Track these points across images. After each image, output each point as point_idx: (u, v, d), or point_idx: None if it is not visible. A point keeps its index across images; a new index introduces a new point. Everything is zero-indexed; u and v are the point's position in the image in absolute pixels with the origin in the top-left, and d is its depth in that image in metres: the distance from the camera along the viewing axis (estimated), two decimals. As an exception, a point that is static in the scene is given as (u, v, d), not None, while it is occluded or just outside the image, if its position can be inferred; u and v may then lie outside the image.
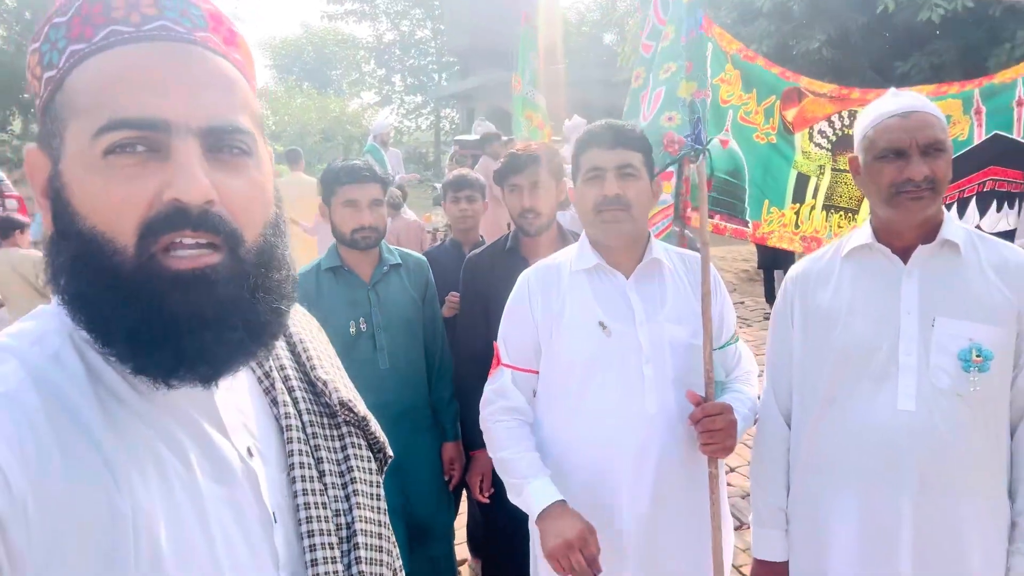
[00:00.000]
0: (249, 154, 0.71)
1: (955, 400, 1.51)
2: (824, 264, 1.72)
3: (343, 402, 0.87)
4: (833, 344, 1.62)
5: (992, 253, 1.57)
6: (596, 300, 1.80)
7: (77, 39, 0.67)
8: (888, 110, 1.56)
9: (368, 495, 0.87)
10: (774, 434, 1.78)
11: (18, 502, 0.57)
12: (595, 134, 1.79)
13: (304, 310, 1.00)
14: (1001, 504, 1.56)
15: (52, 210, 0.68)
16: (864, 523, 1.59)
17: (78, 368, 0.67)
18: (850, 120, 3.87)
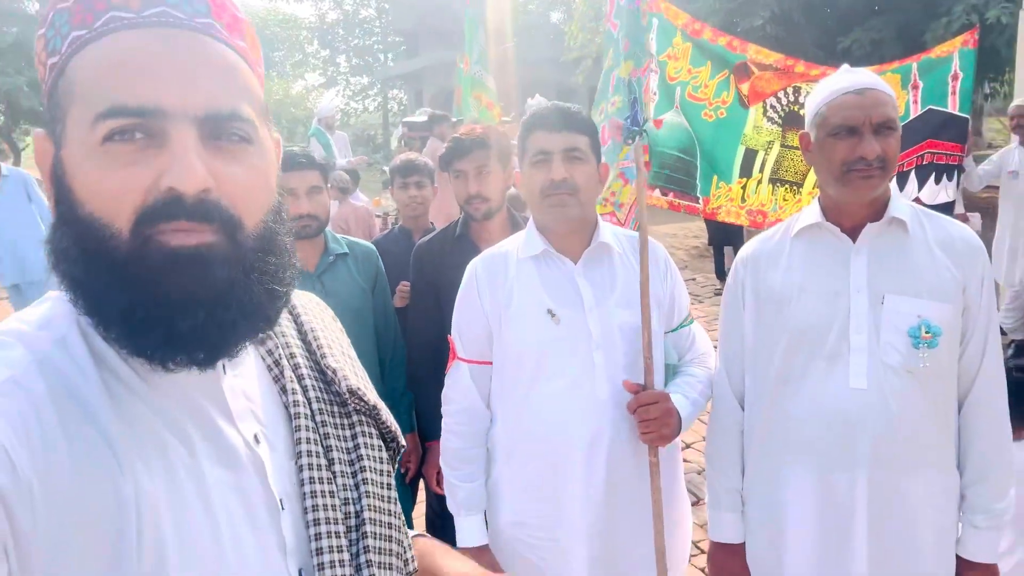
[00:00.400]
0: (250, 141, 0.71)
1: (905, 377, 1.53)
2: (774, 244, 1.72)
3: (352, 390, 0.87)
4: (785, 325, 1.63)
5: (938, 230, 1.59)
6: (544, 288, 1.77)
7: (79, 25, 0.66)
8: (842, 87, 1.56)
9: (378, 484, 0.86)
10: (728, 416, 1.78)
11: (24, 484, 0.58)
12: (541, 117, 1.75)
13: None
14: (951, 477, 1.60)
15: (55, 195, 0.68)
16: (820, 500, 1.61)
17: (83, 353, 0.67)
18: (795, 96, 3.91)
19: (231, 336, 0.69)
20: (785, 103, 3.85)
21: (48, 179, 0.70)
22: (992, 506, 1.56)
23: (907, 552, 1.57)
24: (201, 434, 0.72)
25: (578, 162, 1.72)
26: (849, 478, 1.57)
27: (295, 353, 0.87)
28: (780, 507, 1.67)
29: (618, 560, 1.77)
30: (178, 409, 0.71)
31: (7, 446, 0.58)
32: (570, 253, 1.79)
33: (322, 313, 0.97)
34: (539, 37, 19.72)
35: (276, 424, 0.81)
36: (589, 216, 1.80)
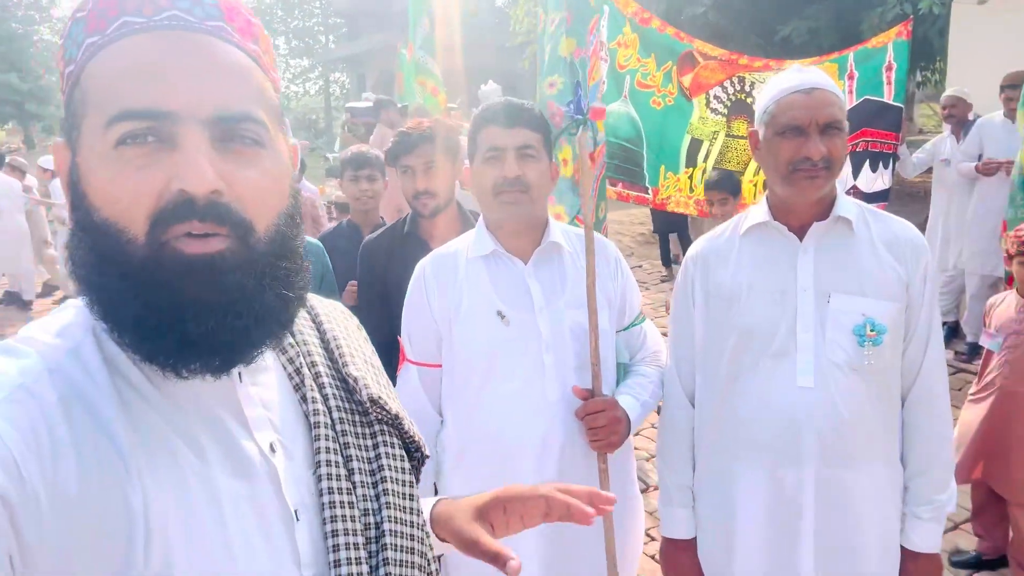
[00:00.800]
0: (262, 145, 0.70)
1: (851, 374, 1.55)
2: (723, 243, 1.72)
3: (374, 399, 0.85)
4: (734, 323, 1.64)
5: (883, 228, 1.61)
6: (494, 288, 1.74)
7: (93, 32, 0.67)
8: (791, 86, 1.56)
9: (400, 495, 0.84)
10: (678, 414, 1.79)
11: (31, 494, 0.58)
12: (494, 112, 1.71)
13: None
14: (895, 470, 1.63)
15: (71, 202, 0.69)
16: (769, 496, 1.63)
17: (97, 361, 0.67)
18: (740, 85, 3.95)
19: (244, 342, 0.68)
20: (732, 92, 3.89)
21: (66, 186, 0.70)
22: (934, 497, 1.60)
23: (853, 545, 1.60)
24: (214, 443, 0.71)
25: (531, 160, 1.70)
26: (797, 474, 1.59)
27: (316, 361, 0.86)
28: (730, 503, 1.69)
29: (569, 562, 1.76)
30: (191, 417, 0.71)
31: (16, 455, 0.58)
32: (520, 253, 1.77)
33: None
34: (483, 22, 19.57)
35: (295, 433, 0.80)
36: (540, 215, 1.78)
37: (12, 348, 0.67)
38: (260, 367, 0.79)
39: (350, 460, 0.81)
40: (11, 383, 0.62)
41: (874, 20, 8.29)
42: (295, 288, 0.73)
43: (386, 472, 0.83)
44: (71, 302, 0.73)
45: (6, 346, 0.67)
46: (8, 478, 0.57)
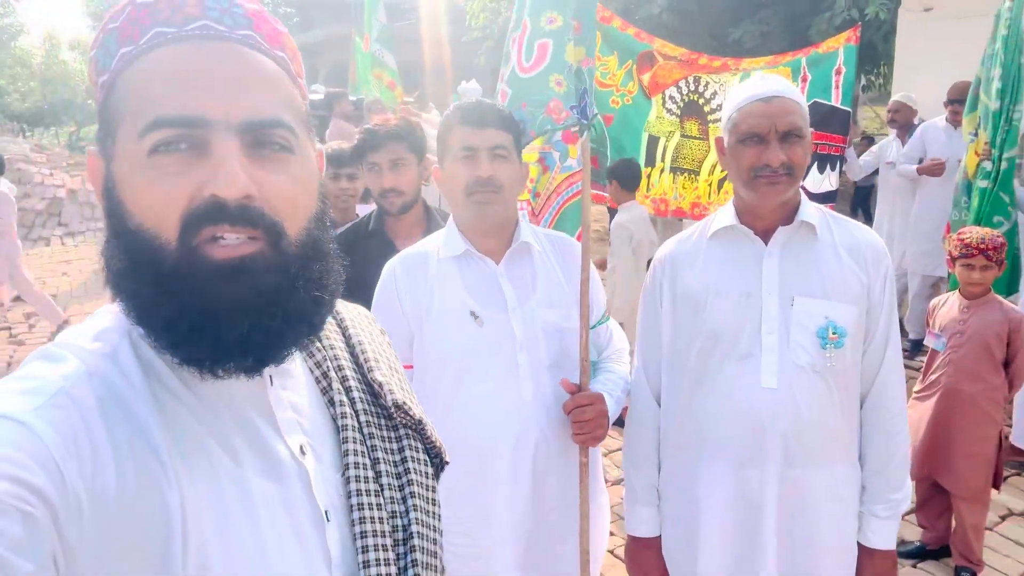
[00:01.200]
0: (291, 150, 0.72)
1: (813, 376, 1.59)
2: (691, 246, 1.75)
3: (398, 404, 0.87)
4: (701, 325, 1.66)
5: (845, 234, 1.65)
6: (466, 289, 1.74)
7: (126, 42, 0.69)
8: (752, 94, 1.59)
9: (425, 499, 0.86)
10: (645, 414, 1.81)
11: (72, 497, 0.59)
12: (466, 112, 1.71)
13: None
14: (854, 470, 1.68)
15: (106, 209, 0.70)
16: (733, 496, 1.66)
17: (133, 364, 0.69)
18: (694, 86, 4.00)
19: (277, 343, 0.70)
20: (685, 92, 3.94)
21: (100, 194, 0.72)
22: (891, 496, 1.65)
23: (813, 542, 1.64)
24: (247, 445, 0.73)
25: (503, 161, 1.69)
26: (760, 474, 1.62)
27: (343, 365, 0.87)
28: (695, 502, 1.72)
29: (543, 559, 1.77)
30: (225, 420, 0.72)
31: (57, 458, 0.59)
32: (491, 253, 1.76)
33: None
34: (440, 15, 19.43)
35: (323, 436, 0.81)
36: (511, 215, 1.78)
37: (52, 353, 0.68)
38: (289, 371, 0.80)
39: (377, 463, 0.83)
40: (52, 387, 0.63)
41: (822, 25, 8.47)
42: (327, 290, 0.75)
43: (412, 476, 0.85)
44: (107, 307, 0.74)
45: (46, 351, 0.68)
46: (51, 480, 0.58)
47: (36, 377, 0.64)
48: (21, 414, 0.60)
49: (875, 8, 7.77)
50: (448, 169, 1.74)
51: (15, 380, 0.64)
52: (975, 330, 2.94)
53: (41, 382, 0.64)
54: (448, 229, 1.80)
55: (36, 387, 0.63)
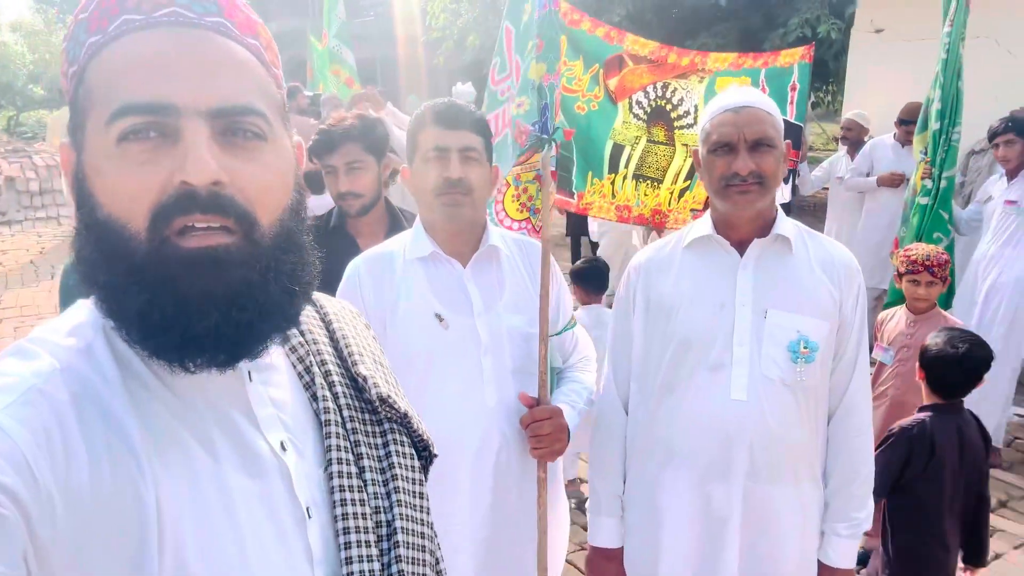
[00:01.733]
0: (263, 138, 0.70)
1: (783, 390, 1.58)
2: (666, 254, 1.73)
3: (383, 398, 0.86)
4: (673, 334, 1.65)
5: (819, 249, 1.65)
6: (432, 291, 1.70)
7: (95, 31, 0.67)
8: (723, 104, 1.59)
9: (410, 493, 0.85)
10: (613, 421, 1.80)
11: (44, 495, 0.58)
12: (438, 112, 1.67)
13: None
14: (818, 487, 1.67)
15: (76, 201, 0.69)
16: (697, 509, 1.65)
17: (108, 359, 0.68)
18: (662, 92, 4.04)
19: (249, 337, 0.68)
20: (653, 98, 3.97)
21: (71, 186, 0.70)
22: (853, 515, 1.65)
23: (775, 559, 1.64)
24: (226, 441, 0.71)
25: (474, 163, 1.66)
26: (725, 488, 1.61)
27: (326, 360, 0.86)
28: (658, 513, 1.70)
29: (501, 568, 1.74)
30: (203, 416, 0.71)
31: (28, 458, 0.58)
32: (459, 255, 1.73)
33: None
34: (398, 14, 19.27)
35: (305, 432, 0.80)
36: (480, 218, 1.75)
37: (24, 349, 0.66)
38: (270, 366, 0.79)
39: (361, 458, 0.82)
40: (23, 385, 0.62)
41: (776, 41, 8.68)
42: (301, 282, 0.73)
43: (396, 470, 0.84)
44: (82, 302, 0.73)
45: (18, 347, 0.67)
46: (21, 480, 0.57)
47: (7, 374, 0.63)
48: None
49: (826, 27, 8.02)
50: (417, 168, 1.70)
51: None
52: (921, 344, 3.03)
53: (12, 379, 0.62)
54: (415, 230, 1.76)
55: (7, 384, 0.61)
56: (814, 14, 8.22)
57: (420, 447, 0.91)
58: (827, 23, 8.08)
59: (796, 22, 8.35)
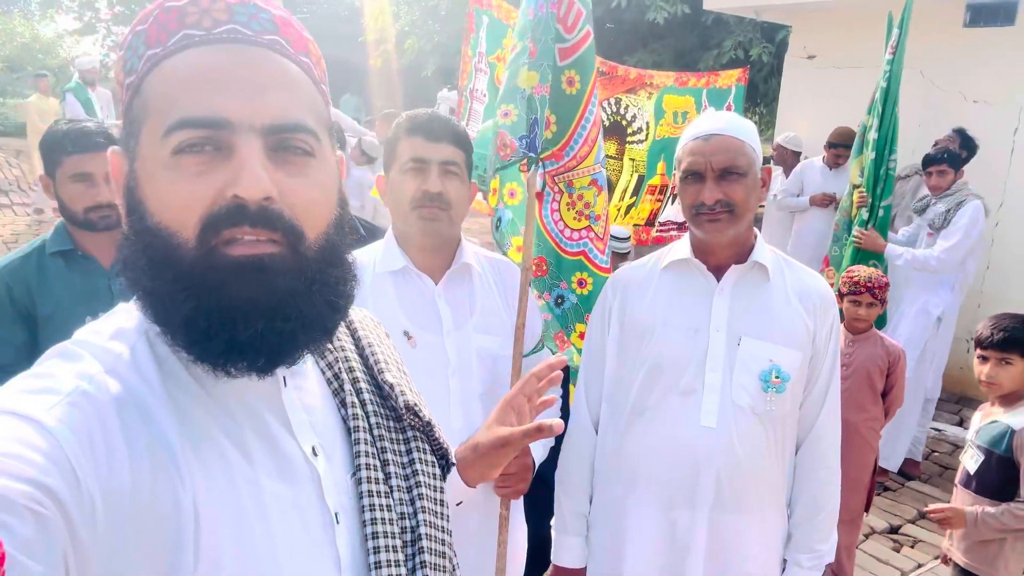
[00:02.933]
0: (312, 154, 0.71)
1: (752, 419, 1.58)
2: (644, 274, 1.72)
3: (409, 406, 0.88)
4: (646, 356, 1.63)
5: (796, 279, 1.65)
6: (401, 307, 1.65)
7: (154, 44, 0.68)
8: (694, 132, 1.59)
9: (432, 500, 0.86)
10: (582, 441, 1.77)
11: (86, 497, 0.58)
12: (420, 123, 1.61)
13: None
14: (782, 517, 1.67)
15: (126, 208, 0.70)
16: (661, 534, 1.63)
17: (150, 363, 0.69)
18: (616, 107, 4.08)
19: (290, 345, 0.69)
20: (609, 113, 4.01)
21: (121, 193, 0.72)
22: (816, 546, 1.65)
23: None
24: (260, 446, 0.73)
25: (454, 177, 1.62)
26: (690, 515, 1.60)
27: (354, 367, 0.88)
28: (622, 536, 1.69)
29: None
30: (239, 420, 0.72)
31: (71, 458, 0.58)
32: (431, 271, 1.68)
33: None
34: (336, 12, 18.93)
35: (334, 437, 0.82)
36: (455, 235, 1.70)
37: (68, 351, 0.67)
38: (301, 372, 0.81)
39: (387, 465, 0.84)
40: (68, 386, 0.63)
41: (710, 61, 8.95)
42: (343, 295, 0.75)
43: (420, 477, 0.86)
44: (123, 306, 0.74)
45: (62, 349, 0.68)
46: (64, 480, 0.57)
47: (52, 375, 0.64)
48: (36, 413, 0.59)
49: (758, 51, 8.31)
50: (393, 179, 1.64)
51: (31, 378, 0.64)
52: (860, 363, 3.14)
53: (57, 380, 0.63)
54: (387, 242, 1.70)
55: (52, 386, 0.62)
56: (747, 37, 8.51)
57: (439, 455, 0.92)
58: (759, 46, 8.37)
59: (730, 44, 8.61)
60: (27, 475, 0.55)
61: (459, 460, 1.03)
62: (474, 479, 1.04)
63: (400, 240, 1.68)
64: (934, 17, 4.71)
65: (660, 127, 4.28)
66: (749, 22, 8.31)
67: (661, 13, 8.46)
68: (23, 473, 0.55)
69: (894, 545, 3.74)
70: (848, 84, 5.70)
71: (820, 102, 5.88)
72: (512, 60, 1.96)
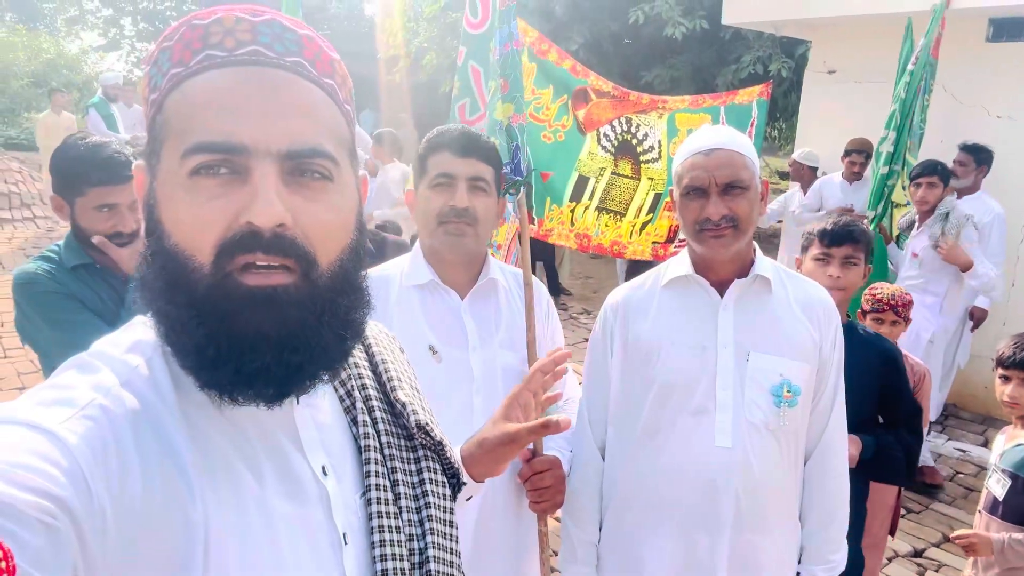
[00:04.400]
0: (329, 179, 0.71)
1: (766, 434, 1.54)
2: (644, 294, 1.68)
3: (420, 425, 0.87)
4: (653, 377, 1.59)
5: (798, 290, 1.62)
6: (427, 321, 1.63)
7: (177, 63, 0.69)
8: (695, 147, 1.55)
9: (441, 520, 0.86)
10: (589, 467, 1.72)
11: (97, 509, 0.58)
12: (450, 138, 1.60)
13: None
14: (797, 530, 1.64)
15: (147, 226, 0.70)
16: (681, 561, 1.59)
17: (165, 378, 0.69)
18: (627, 126, 4.06)
19: (297, 377, 0.69)
20: (619, 132, 3.99)
21: (143, 210, 0.72)
22: (830, 557, 1.62)
23: None
24: (271, 464, 0.73)
25: (482, 193, 1.60)
26: (711, 538, 1.56)
27: (367, 385, 0.87)
28: (639, 563, 1.64)
29: None
30: (250, 439, 0.72)
31: (85, 470, 0.59)
32: (457, 286, 1.66)
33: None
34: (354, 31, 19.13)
35: (344, 455, 0.81)
36: (482, 250, 1.68)
37: (85, 363, 0.68)
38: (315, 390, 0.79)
39: (397, 485, 0.83)
40: (84, 399, 0.63)
41: (728, 76, 8.91)
42: (353, 325, 0.74)
43: (430, 498, 0.85)
44: (140, 319, 0.74)
45: (79, 361, 0.68)
46: (76, 492, 0.57)
47: (68, 387, 0.64)
48: (51, 425, 0.59)
49: (777, 65, 8.26)
50: (423, 193, 1.63)
51: (47, 389, 0.64)
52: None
53: (73, 393, 0.63)
54: (413, 256, 1.69)
55: (67, 397, 0.63)
56: (766, 52, 8.46)
57: (450, 474, 0.92)
58: (778, 61, 8.32)
59: (748, 59, 8.57)
60: (40, 487, 0.55)
61: (464, 456, 1.02)
62: (480, 474, 1.03)
63: (427, 254, 1.67)
64: (956, 32, 4.64)
65: (673, 144, 4.26)
66: (768, 37, 8.27)
67: (679, 29, 8.44)
68: (36, 484, 0.55)
69: (918, 569, 3.65)
70: (869, 98, 5.64)
71: (841, 117, 5.82)
72: (490, 99, 2.08)
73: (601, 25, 9.54)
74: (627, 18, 8.87)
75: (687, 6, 8.60)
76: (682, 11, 8.48)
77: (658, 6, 8.48)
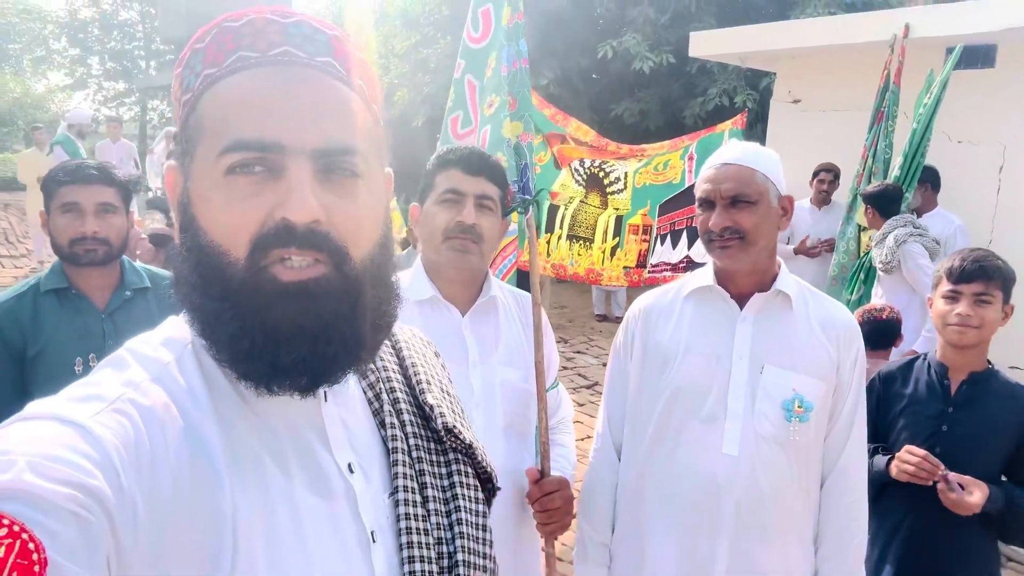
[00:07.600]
0: (359, 176, 0.73)
1: (775, 447, 1.56)
2: (667, 301, 1.72)
3: (448, 428, 0.87)
4: (668, 382, 1.63)
5: (820, 308, 1.64)
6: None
7: (211, 64, 0.71)
8: (712, 161, 1.62)
9: (473, 525, 0.85)
10: (605, 469, 1.75)
11: (129, 502, 0.59)
12: (460, 155, 1.64)
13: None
14: (807, 549, 1.64)
15: (180, 224, 0.72)
16: (681, 563, 1.61)
17: (196, 374, 0.71)
18: (601, 164, 4.13)
19: (332, 367, 0.70)
20: (587, 166, 4.06)
21: (176, 209, 0.73)
22: None
23: None
24: (298, 459, 0.74)
25: (488, 212, 1.63)
26: (711, 543, 1.58)
27: (395, 387, 0.88)
28: (642, 562, 1.66)
29: None
30: (278, 433, 0.73)
31: (117, 464, 0.59)
32: (458, 303, 1.68)
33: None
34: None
35: (372, 456, 0.82)
36: (484, 268, 1.72)
37: (118, 360, 0.69)
38: (343, 389, 0.81)
39: (425, 487, 0.83)
40: (115, 393, 0.64)
41: (695, 109, 9.10)
42: (385, 315, 0.76)
43: (460, 502, 0.85)
44: (174, 318, 0.75)
45: (113, 358, 0.70)
46: (108, 485, 0.58)
47: (100, 383, 0.65)
48: (81, 418, 0.60)
49: (743, 97, 8.48)
50: (428, 209, 1.66)
51: (81, 386, 0.65)
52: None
53: (104, 388, 0.65)
54: (415, 271, 1.71)
55: (98, 392, 0.64)
56: (731, 85, 8.67)
57: (484, 478, 0.91)
58: (743, 93, 8.53)
59: (715, 91, 8.77)
60: (72, 479, 0.55)
61: None
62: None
63: (429, 270, 1.69)
64: (916, 61, 4.79)
65: (640, 175, 4.31)
66: (733, 70, 8.49)
67: (647, 63, 8.63)
68: (68, 477, 0.55)
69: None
70: (833, 127, 5.79)
71: (806, 145, 5.96)
72: (492, 115, 2.08)
73: (571, 61, 9.72)
74: (596, 53, 9.06)
75: (654, 41, 8.81)
76: (649, 46, 8.68)
77: (626, 41, 8.68)
